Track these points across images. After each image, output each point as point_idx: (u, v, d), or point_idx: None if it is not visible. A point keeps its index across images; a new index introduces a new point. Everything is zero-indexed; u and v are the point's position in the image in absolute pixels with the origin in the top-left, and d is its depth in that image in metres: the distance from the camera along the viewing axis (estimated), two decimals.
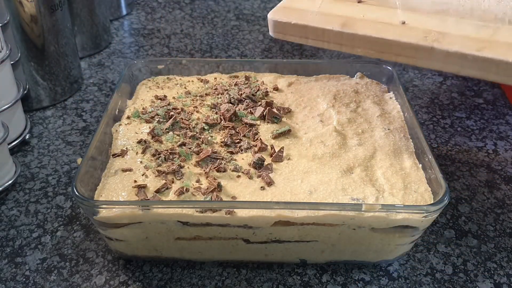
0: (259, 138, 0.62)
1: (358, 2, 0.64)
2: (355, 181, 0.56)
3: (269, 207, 0.51)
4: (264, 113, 0.65)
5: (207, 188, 0.54)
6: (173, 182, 0.55)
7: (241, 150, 0.60)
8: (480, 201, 0.67)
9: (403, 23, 0.59)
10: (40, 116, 0.83)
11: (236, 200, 0.53)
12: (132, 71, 0.73)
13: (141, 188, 0.54)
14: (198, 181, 0.56)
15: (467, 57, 0.53)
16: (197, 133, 0.62)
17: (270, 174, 0.56)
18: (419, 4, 0.63)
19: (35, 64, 0.81)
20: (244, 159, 0.59)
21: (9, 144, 0.72)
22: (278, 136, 0.62)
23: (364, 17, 0.60)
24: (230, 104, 0.67)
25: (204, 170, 0.57)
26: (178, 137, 0.62)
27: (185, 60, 0.76)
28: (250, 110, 0.66)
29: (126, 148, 0.60)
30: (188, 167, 0.57)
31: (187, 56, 1.01)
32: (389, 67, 0.73)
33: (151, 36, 1.09)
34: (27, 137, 0.76)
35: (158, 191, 0.54)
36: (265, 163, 0.57)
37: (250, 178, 0.56)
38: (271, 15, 0.62)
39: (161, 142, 0.61)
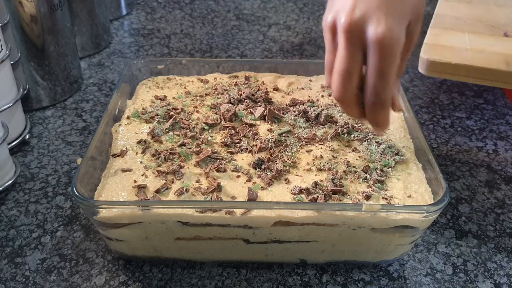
0: (259, 138, 0.61)
1: (505, 36, 0.64)
2: (355, 180, 0.56)
3: (269, 207, 0.51)
4: (264, 113, 0.65)
5: (207, 188, 0.54)
6: (173, 182, 0.55)
7: (241, 150, 0.60)
8: (480, 201, 0.67)
9: None
10: (40, 116, 0.83)
11: (236, 200, 0.53)
12: (132, 71, 0.73)
13: (141, 188, 0.54)
14: (198, 181, 0.55)
15: None
16: (197, 133, 0.62)
17: (270, 174, 0.56)
18: None
19: (35, 64, 0.81)
20: (244, 159, 0.59)
21: (9, 144, 0.71)
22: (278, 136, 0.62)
23: None
24: (230, 104, 0.67)
25: (204, 170, 0.57)
26: (178, 137, 0.62)
27: (185, 60, 0.76)
28: (250, 110, 0.66)
29: (126, 148, 0.60)
30: (188, 167, 0.57)
31: (187, 56, 1.01)
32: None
33: (151, 36, 1.09)
34: (27, 137, 0.76)
35: (158, 191, 0.54)
36: (265, 163, 0.57)
37: (250, 178, 0.56)
38: (427, 55, 0.61)
39: (161, 142, 0.61)
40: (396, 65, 0.46)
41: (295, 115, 0.65)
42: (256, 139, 0.61)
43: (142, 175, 0.56)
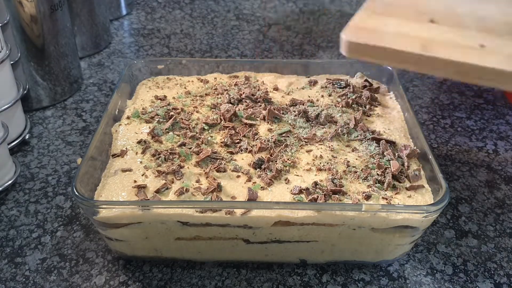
0: (259, 138, 0.61)
1: (431, 22, 0.64)
2: (355, 180, 0.56)
3: (269, 207, 0.51)
4: (264, 113, 0.65)
5: (207, 188, 0.54)
6: (173, 182, 0.55)
7: (241, 150, 0.60)
8: (480, 201, 0.67)
9: (482, 46, 0.58)
10: (40, 116, 0.83)
11: (236, 200, 0.53)
12: (132, 71, 0.73)
13: (141, 188, 0.54)
14: (198, 181, 0.55)
15: None
16: (197, 133, 0.62)
17: (269, 174, 0.56)
18: (493, 25, 0.62)
19: (35, 64, 0.81)
20: (244, 159, 0.59)
21: (9, 144, 0.72)
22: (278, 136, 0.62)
23: (441, 39, 0.60)
24: (230, 104, 0.67)
25: (204, 170, 0.57)
26: (178, 137, 0.62)
27: (185, 60, 0.76)
28: (250, 110, 0.66)
29: (126, 148, 0.60)
30: (188, 167, 0.57)
31: (187, 56, 1.01)
32: (389, 67, 0.73)
33: (151, 36, 1.09)
34: (27, 137, 0.76)
35: (158, 191, 0.54)
36: (265, 163, 0.57)
37: (250, 178, 0.56)
38: (347, 36, 0.61)
39: (161, 142, 0.61)
40: None
41: (295, 115, 0.66)
42: (256, 139, 0.61)
43: (142, 175, 0.56)
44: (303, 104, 0.68)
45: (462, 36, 0.60)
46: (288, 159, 0.58)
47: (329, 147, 0.61)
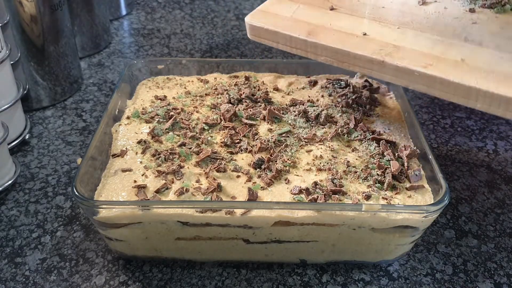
0: (259, 138, 0.61)
1: (331, 9, 0.66)
2: (355, 180, 0.56)
3: (269, 207, 0.51)
4: (264, 113, 0.65)
5: (207, 188, 0.54)
6: (173, 182, 0.55)
7: (241, 150, 0.60)
8: (480, 201, 0.67)
9: (365, 34, 0.61)
10: (40, 116, 0.83)
11: (236, 200, 0.53)
12: (132, 71, 0.73)
13: (141, 188, 0.54)
14: (198, 181, 0.55)
15: (414, 73, 0.54)
16: (197, 133, 0.62)
17: (269, 174, 0.56)
18: (386, 14, 0.65)
19: (35, 64, 0.81)
20: (244, 159, 0.59)
21: (9, 144, 0.72)
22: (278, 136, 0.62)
23: (330, 26, 0.63)
24: (230, 104, 0.67)
25: (204, 170, 0.57)
26: (178, 137, 0.62)
27: (185, 60, 0.76)
28: (250, 110, 0.66)
29: (126, 148, 0.60)
30: (188, 167, 0.57)
31: (187, 56, 1.01)
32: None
33: (151, 36, 1.09)
34: (27, 137, 0.76)
35: (158, 191, 0.54)
36: (265, 163, 0.57)
37: (250, 178, 0.56)
38: (248, 19, 0.65)
39: (161, 142, 0.61)
40: None
41: (295, 115, 0.66)
42: (256, 139, 0.61)
43: (142, 175, 0.56)
44: (303, 104, 0.68)
45: (351, 25, 0.63)
46: (288, 159, 0.58)
47: (329, 147, 0.61)
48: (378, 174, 0.56)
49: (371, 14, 0.65)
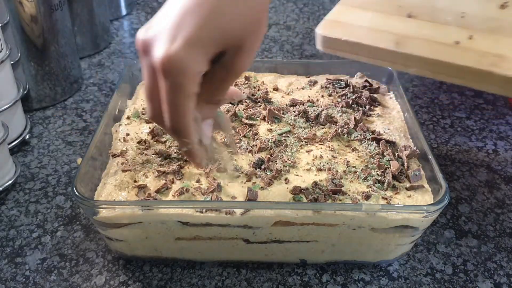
0: (259, 138, 0.61)
1: (409, 16, 0.62)
2: (355, 180, 0.56)
3: (269, 207, 0.51)
4: (264, 113, 0.65)
5: (207, 188, 0.54)
6: (173, 182, 0.55)
7: (241, 150, 0.60)
8: (480, 201, 0.67)
9: (457, 42, 0.57)
10: (40, 116, 0.83)
11: (236, 200, 0.53)
12: (132, 71, 0.73)
13: (141, 188, 0.54)
14: (198, 181, 0.56)
15: None
16: None
17: (269, 174, 0.56)
18: (470, 21, 0.61)
19: (35, 64, 0.81)
20: (244, 159, 0.59)
21: (9, 144, 0.72)
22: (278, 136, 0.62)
23: (416, 35, 0.58)
24: (230, 104, 0.67)
25: (204, 170, 0.57)
26: None
27: None
28: (250, 110, 0.66)
29: (126, 148, 0.60)
30: (188, 167, 0.57)
31: None
32: (389, 67, 0.73)
33: None
34: (27, 137, 0.76)
35: (158, 191, 0.54)
36: (265, 163, 0.57)
37: (250, 178, 0.56)
38: (321, 30, 0.60)
39: (161, 142, 0.61)
40: (185, 95, 0.40)
41: (295, 115, 0.66)
42: (256, 139, 0.61)
43: (142, 175, 0.56)
44: (303, 104, 0.68)
45: (438, 32, 0.59)
46: (288, 159, 0.58)
47: (329, 147, 0.61)
48: (378, 174, 0.56)
49: (455, 21, 0.61)
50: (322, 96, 0.71)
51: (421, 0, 0.66)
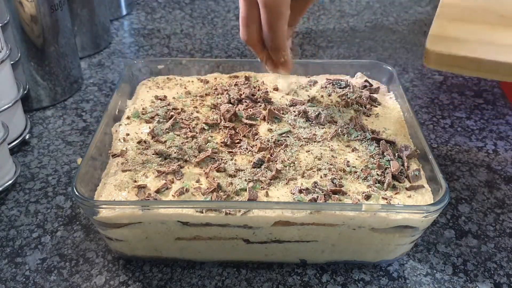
0: (259, 138, 0.61)
1: None
2: (355, 180, 0.56)
3: (269, 207, 0.51)
4: (264, 113, 0.65)
5: (207, 188, 0.54)
6: (173, 182, 0.55)
7: (241, 150, 0.60)
8: (480, 201, 0.67)
9: None
10: (40, 116, 0.83)
11: (236, 200, 0.53)
12: (132, 71, 0.73)
13: (141, 188, 0.54)
14: (198, 181, 0.56)
15: None
16: (197, 133, 0.62)
17: (270, 174, 0.56)
18: None
19: (35, 64, 0.81)
20: (244, 159, 0.59)
21: (9, 144, 0.72)
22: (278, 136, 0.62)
23: None
24: (230, 105, 0.67)
25: (204, 170, 0.57)
26: (178, 137, 0.62)
27: (185, 60, 0.76)
28: (250, 110, 0.66)
29: (126, 148, 0.60)
30: (188, 167, 0.57)
31: (187, 56, 1.01)
32: (389, 67, 0.73)
33: (151, 36, 1.09)
34: (27, 137, 0.76)
35: (158, 191, 0.54)
36: (265, 163, 0.57)
37: (250, 178, 0.56)
38: (432, 47, 0.58)
39: (161, 142, 0.61)
40: (283, 19, 0.55)
41: (295, 115, 0.66)
42: (256, 139, 0.61)
43: (142, 175, 0.56)
44: (303, 104, 0.68)
45: None
46: (288, 159, 0.58)
47: (329, 147, 0.61)
48: (378, 174, 0.56)
49: None
50: (322, 96, 0.71)
51: None
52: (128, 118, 0.66)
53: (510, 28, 0.61)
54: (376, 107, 0.69)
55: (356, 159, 0.59)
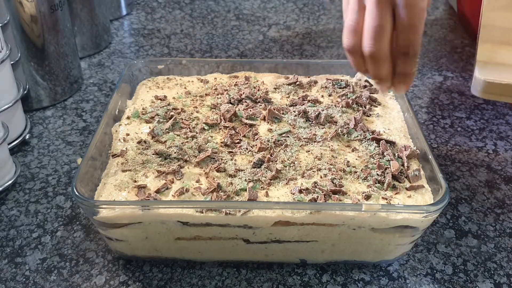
0: (259, 138, 0.61)
1: None
2: (355, 180, 0.56)
3: (269, 207, 0.51)
4: (264, 113, 0.65)
5: (207, 188, 0.54)
6: (173, 182, 0.55)
7: (241, 150, 0.60)
8: (480, 201, 0.67)
9: None
10: (40, 116, 0.83)
11: (236, 200, 0.53)
12: (132, 71, 0.73)
13: (141, 188, 0.54)
14: (198, 181, 0.56)
15: None
16: (197, 133, 0.62)
17: (270, 174, 0.56)
18: None
19: (35, 64, 0.81)
20: (244, 159, 0.59)
21: (9, 144, 0.71)
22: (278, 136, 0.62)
23: None
24: (230, 105, 0.67)
25: (204, 170, 0.57)
26: (178, 137, 0.62)
27: (185, 60, 0.76)
28: (250, 110, 0.66)
29: (126, 148, 0.60)
30: (188, 167, 0.57)
31: (187, 56, 1.01)
32: None
33: (151, 36, 1.09)
34: (27, 137, 0.76)
35: (158, 191, 0.54)
36: (265, 163, 0.57)
37: (250, 178, 0.56)
38: (483, 76, 0.56)
39: (161, 142, 0.61)
40: (424, 17, 0.50)
41: (295, 115, 0.66)
42: (256, 139, 0.61)
43: (142, 175, 0.56)
44: (303, 104, 0.68)
45: None
46: (288, 159, 0.58)
47: (329, 147, 0.61)
48: (378, 174, 0.56)
49: None
50: (322, 96, 0.71)
51: None
52: (128, 118, 0.66)
53: None
54: (376, 107, 0.69)
55: (356, 159, 0.59)
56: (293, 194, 0.54)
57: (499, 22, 0.64)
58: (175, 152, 0.59)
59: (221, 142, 0.61)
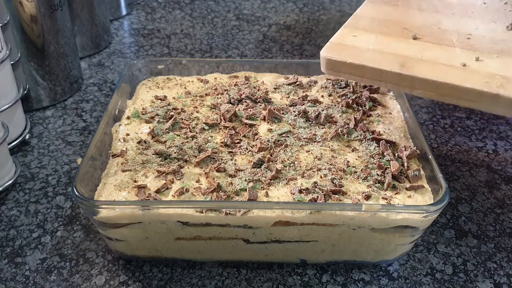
0: (259, 138, 0.61)
1: (414, 39, 0.62)
2: (355, 180, 0.56)
3: (269, 207, 0.51)
4: (264, 113, 0.65)
5: (207, 188, 0.54)
6: (173, 182, 0.55)
7: (241, 150, 0.60)
8: (480, 201, 0.67)
9: (464, 65, 0.56)
10: (40, 116, 0.83)
11: (236, 200, 0.53)
12: (132, 71, 0.73)
13: (141, 188, 0.54)
14: (198, 181, 0.56)
15: None
16: (197, 133, 0.62)
17: (270, 174, 0.56)
18: (477, 42, 0.61)
19: (35, 64, 0.81)
20: (244, 159, 0.59)
21: (9, 144, 0.72)
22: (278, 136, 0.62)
23: (422, 57, 0.58)
24: (230, 105, 0.67)
25: (204, 170, 0.57)
26: (178, 137, 0.62)
27: (185, 60, 0.76)
28: (250, 110, 0.66)
29: (126, 148, 0.60)
30: (188, 167, 0.57)
31: (187, 56, 1.01)
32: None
33: (151, 36, 1.09)
34: (27, 137, 0.76)
35: (158, 191, 0.54)
36: (265, 163, 0.57)
37: (250, 178, 0.56)
38: (325, 53, 0.61)
39: (161, 142, 0.61)
40: None
41: (295, 115, 0.66)
42: (256, 139, 0.61)
43: (142, 175, 0.56)
44: (303, 104, 0.68)
45: (444, 54, 0.59)
46: (288, 159, 0.58)
47: (329, 147, 0.61)
48: (378, 174, 0.56)
49: (461, 43, 0.60)
50: (322, 96, 0.71)
51: (426, 22, 0.66)
52: (128, 118, 0.66)
53: (405, 39, 0.63)
54: (376, 107, 0.69)
55: (356, 159, 0.59)
56: (293, 194, 0.54)
57: (371, 13, 0.69)
58: (175, 152, 0.59)
59: (221, 142, 0.61)
